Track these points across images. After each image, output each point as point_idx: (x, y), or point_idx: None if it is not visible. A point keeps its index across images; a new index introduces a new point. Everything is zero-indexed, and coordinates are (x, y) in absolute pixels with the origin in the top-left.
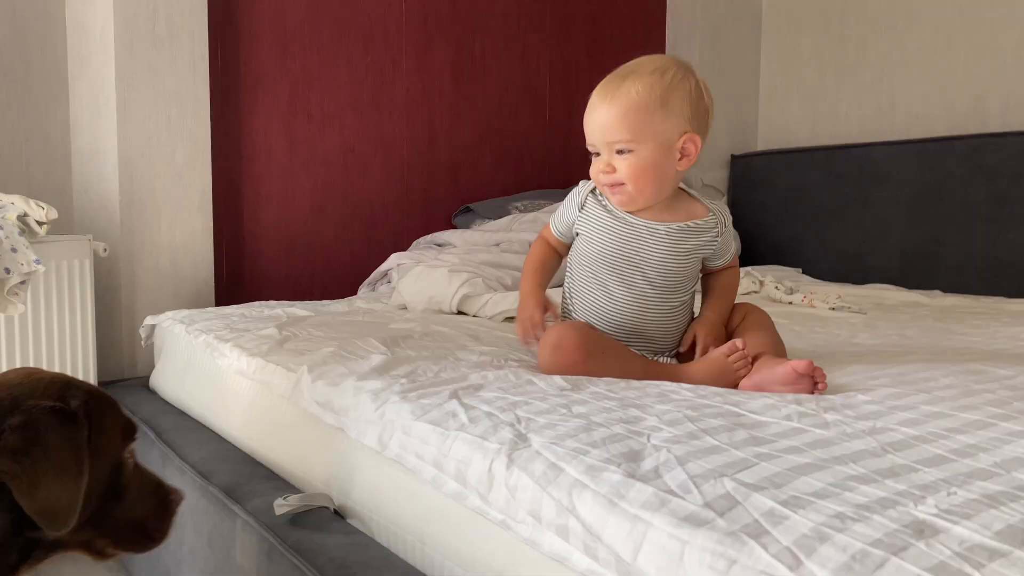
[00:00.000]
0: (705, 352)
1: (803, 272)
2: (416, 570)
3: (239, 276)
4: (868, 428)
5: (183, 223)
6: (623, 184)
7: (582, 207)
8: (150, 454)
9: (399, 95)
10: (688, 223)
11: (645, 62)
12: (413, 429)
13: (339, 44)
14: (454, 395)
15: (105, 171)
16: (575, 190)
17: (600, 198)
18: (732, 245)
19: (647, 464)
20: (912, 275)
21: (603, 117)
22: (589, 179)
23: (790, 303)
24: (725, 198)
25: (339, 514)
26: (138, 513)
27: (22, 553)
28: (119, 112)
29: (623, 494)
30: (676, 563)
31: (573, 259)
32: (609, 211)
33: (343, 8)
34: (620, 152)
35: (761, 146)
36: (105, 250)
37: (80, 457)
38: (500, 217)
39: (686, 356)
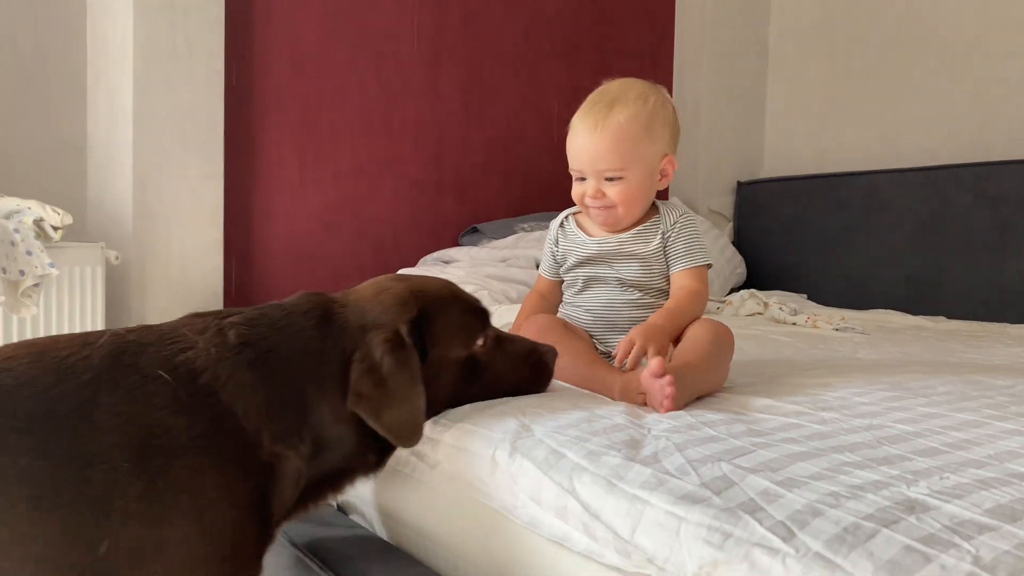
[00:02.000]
0: (625, 357)
1: (808, 298)
2: (415, 560)
3: (248, 289)
4: (865, 425)
5: (194, 235)
6: (613, 207)
7: (556, 243)
8: None
9: (409, 116)
10: (632, 230)
11: (626, 88)
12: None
13: (352, 65)
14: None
15: (119, 181)
16: (547, 240)
17: (566, 227)
18: (690, 250)
19: (646, 450)
20: (916, 302)
21: (594, 147)
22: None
23: (794, 324)
24: (731, 224)
25: (341, 510)
26: (506, 384)
27: (380, 455)
28: (135, 124)
29: (622, 475)
30: (673, 538)
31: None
32: (569, 235)
33: (357, 30)
34: (610, 179)
35: (767, 173)
36: (117, 258)
37: (414, 381)
38: (506, 237)
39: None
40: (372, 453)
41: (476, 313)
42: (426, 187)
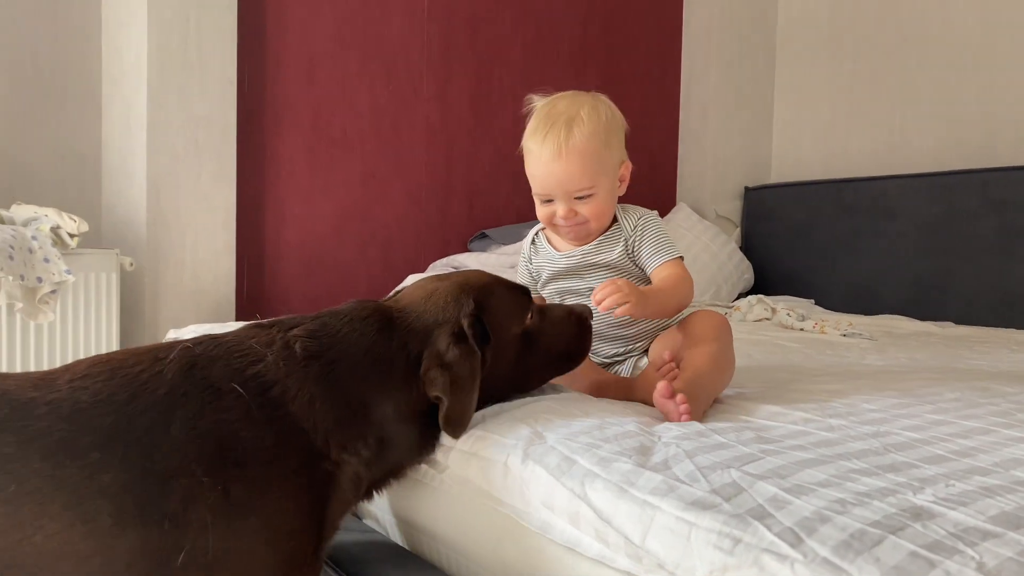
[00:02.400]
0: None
1: (816, 303)
2: (430, 564)
3: (259, 293)
4: (872, 432)
5: (207, 240)
6: (586, 223)
7: (530, 260)
8: None
9: (419, 123)
10: (594, 241)
11: (575, 105)
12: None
13: (363, 72)
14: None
15: (134, 189)
16: (521, 257)
17: (537, 243)
18: (658, 247)
19: (657, 457)
20: (923, 307)
21: (562, 171)
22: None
23: (801, 329)
24: (739, 229)
25: (355, 514)
26: (557, 348)
27: (434, 445)
28: (149, 132)
29: (633, 481)
30: (684, 543)
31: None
32: (540, 251)
33: (368, 38)
34: (580, 198)
35: (774, 179)
36: (131, 264)
37: (474, 375)
38: (515, 243)
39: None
40: (428, 445)
41: (520, 292)
42: (435, 193)
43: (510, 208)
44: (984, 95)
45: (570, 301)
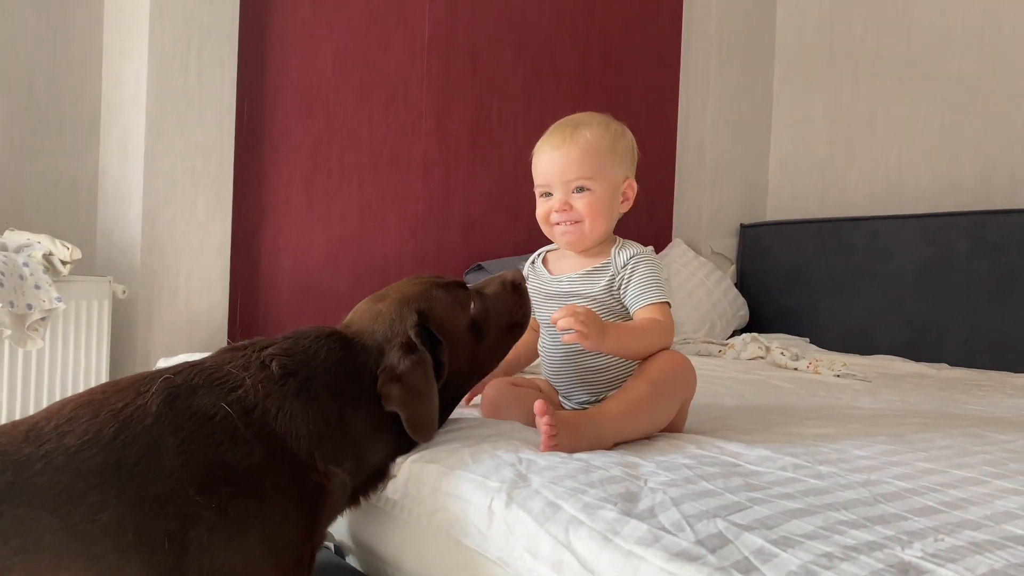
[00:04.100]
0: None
1: (810, 342)
2: None
3: (252, 323)
4: (862, 480)
5: (201, 269)
6: (579, 222)
7: (527, 279)
8: None
9: (417, 155)
10: (584, 270)
11: (588, 116)
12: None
13: (362, 104)
14: (457, 438)
15: (129, 216)
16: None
17: (536, 263)
18: (644, 288)
19: (643, 504)
20: (919, 348)
21: (562, 159)
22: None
23: (795, 369)
24: (734, 266)
25: (339, 552)
26: (504, 322)
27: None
28: (146, 160)
29: (618, 530)
30: None
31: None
32: (537, 271)
33: (367, 70)
34: (577, 191)
35: (770, 216)
36: (124, 292)
37: (429, 379)
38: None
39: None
40: (406, 445)
41: (457, 286)
42: (432, 225)
43: (507, 241)
44: (981, 137)
45: (548, 325)
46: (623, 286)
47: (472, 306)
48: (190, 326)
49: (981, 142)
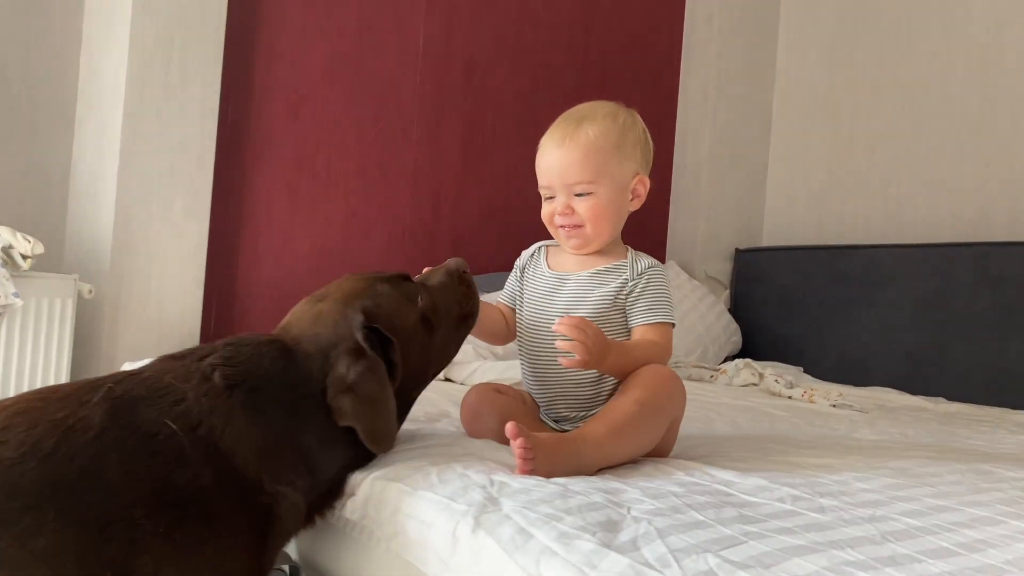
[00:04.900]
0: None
1: (804, 371)
2: None
3: (227, 329)
4: (868, 516)
5: (174, 272)
6: (581, 226)
7: (523, 269)
8: None
9: (406, 164)
10: (595, 269)
11: (595, 107)
12: (375, 487)
13: (351, 110)
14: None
15: (101, 213)
16: (519, 260)
17: (536, 255)
18: (653, 306)
19: (625, 535)
20: (916, 381)
21: (563, 159)
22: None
23: (790, 397)
24: (728, 291)
25: (295, 572)
26: (454, 314)
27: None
28: (122, 156)
29: (595, 564)
30: None
31: (519, 327)
32: (535, 262)
33: (358, 75)
34: (579, 195)
35: (766, 242)
36: (91, 292)
37: (383, 384)
38: (499, 291)
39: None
40: (363, 457)
41: (401, 279)
42: (420, 237)
43: (497, 256)
44: (981, 168)
45: (544, 332)
46: (634, 293)
47: (420, 299)
48: (160, 331)
49: (982, 174)
